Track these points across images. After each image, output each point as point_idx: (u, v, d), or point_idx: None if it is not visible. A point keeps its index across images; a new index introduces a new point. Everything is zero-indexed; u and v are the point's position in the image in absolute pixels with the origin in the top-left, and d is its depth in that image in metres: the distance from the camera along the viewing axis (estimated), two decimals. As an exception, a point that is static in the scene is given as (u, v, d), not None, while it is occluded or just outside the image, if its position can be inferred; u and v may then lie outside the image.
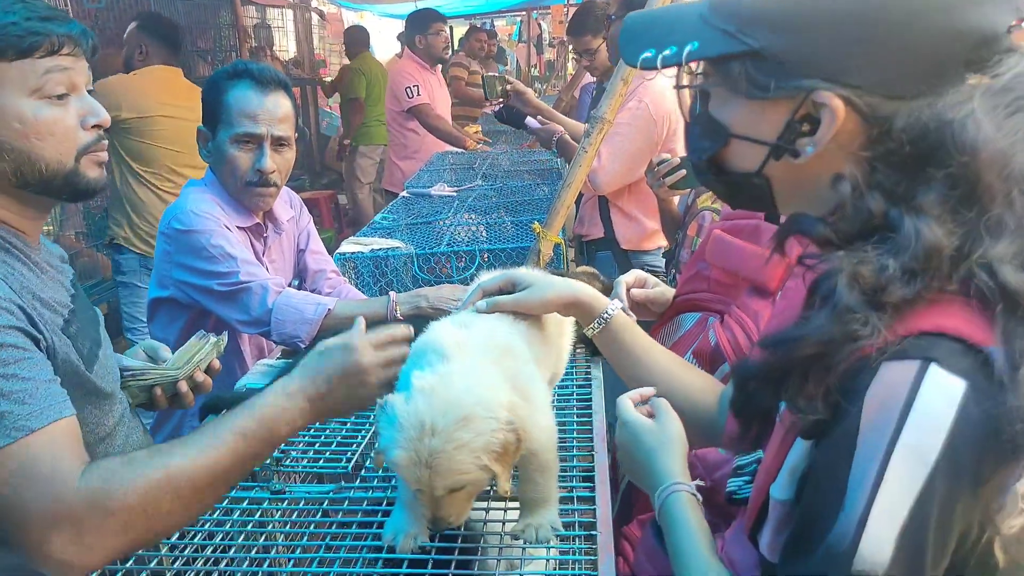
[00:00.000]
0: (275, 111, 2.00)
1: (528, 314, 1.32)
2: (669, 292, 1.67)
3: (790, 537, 0.81)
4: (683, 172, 2.36)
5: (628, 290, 1.64)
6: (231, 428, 1.09)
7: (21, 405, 1.00)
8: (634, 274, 1.63)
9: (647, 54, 0.90)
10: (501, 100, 3.69)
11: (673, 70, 0.90)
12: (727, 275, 1.53)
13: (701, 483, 1.06)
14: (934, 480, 0.71)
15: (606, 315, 1.32)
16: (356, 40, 7.57)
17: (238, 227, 2.05)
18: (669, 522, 1.02)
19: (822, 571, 0.74)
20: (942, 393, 0.71)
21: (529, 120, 3.53)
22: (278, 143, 2.02)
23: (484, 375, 1.08)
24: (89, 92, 1.28)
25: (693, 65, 0.90)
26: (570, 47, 5.30)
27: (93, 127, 1.26)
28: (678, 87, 0.93)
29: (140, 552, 1.18)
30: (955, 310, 0.75)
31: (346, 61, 7.85)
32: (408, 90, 5.19)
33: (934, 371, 0.72)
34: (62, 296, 1.29)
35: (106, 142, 1.29)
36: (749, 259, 1.44)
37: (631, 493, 1.44)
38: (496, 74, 4.22)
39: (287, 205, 2.29)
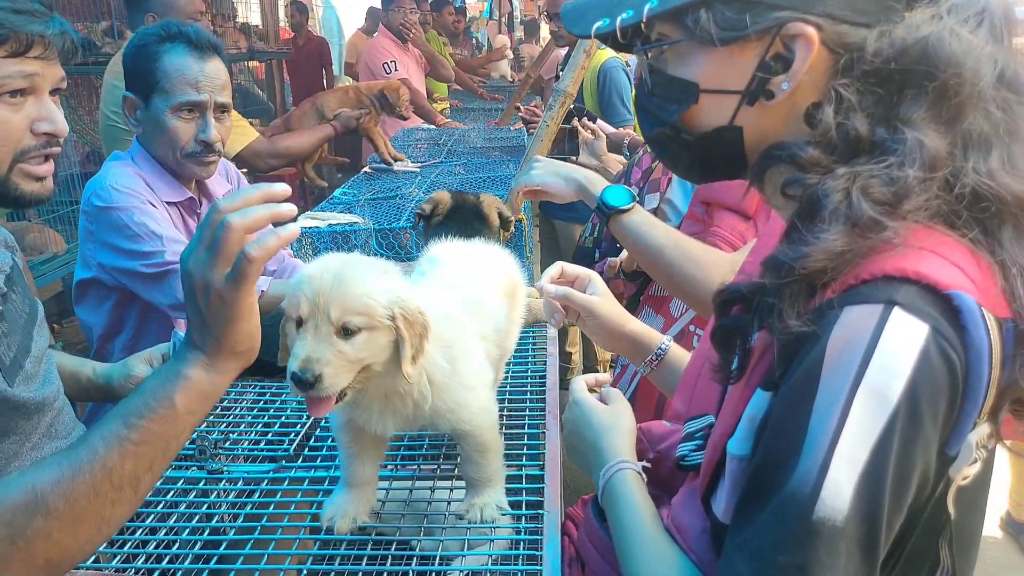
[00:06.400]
0: (216, 78, 1.91)
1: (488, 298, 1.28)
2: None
3: (745, 489, 0.77)
4: None
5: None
6: (111, 419, 0.88)
7: None
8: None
9: (600, 23, 0.89)
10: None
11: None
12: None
13: (647, 464, 1.04)
14: (894, 423, 0.69)
15: (660, 349, 1.34)
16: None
17: (168, 202, 1.94)
18: (614, 500, 1.00)
19: (780, 520, 0.70)
20: (905, 336, 0.70)
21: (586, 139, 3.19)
22: (220, 110, 1.94)
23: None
24: (56, 92, 1.14)
25: (644, 30, 0.88)
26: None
27: (43, 134, 1.12)
28: (641, 49, 0.90)
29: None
30: (920, 254, 0.73)
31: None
32: (385, 65, 5.21)
33: (897, 314, 0.70)
34: None
35: (55, 152, 1.15)
36: (729, 188, 1.55)
37: None
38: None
39: (223, 179, 2.19)
